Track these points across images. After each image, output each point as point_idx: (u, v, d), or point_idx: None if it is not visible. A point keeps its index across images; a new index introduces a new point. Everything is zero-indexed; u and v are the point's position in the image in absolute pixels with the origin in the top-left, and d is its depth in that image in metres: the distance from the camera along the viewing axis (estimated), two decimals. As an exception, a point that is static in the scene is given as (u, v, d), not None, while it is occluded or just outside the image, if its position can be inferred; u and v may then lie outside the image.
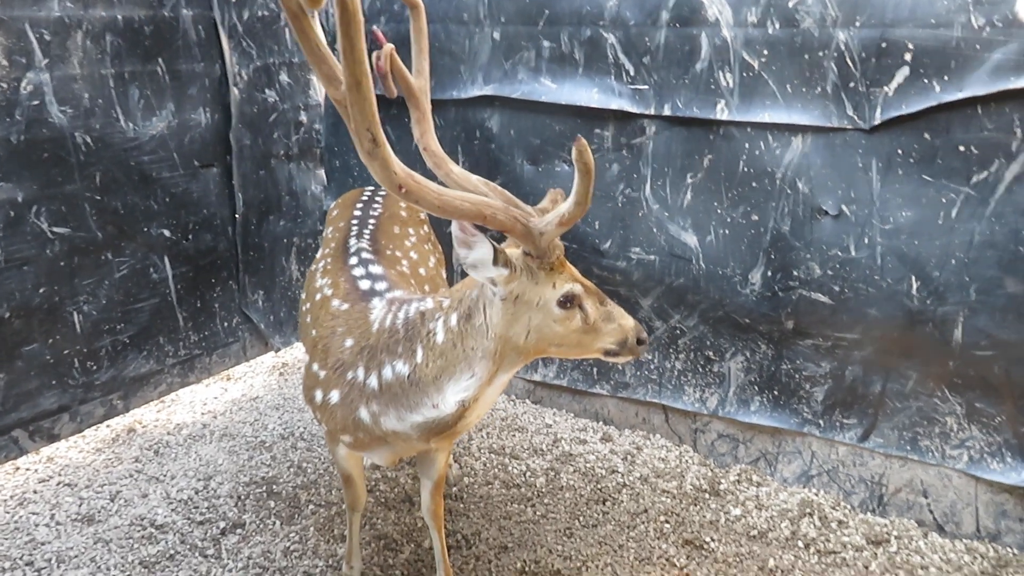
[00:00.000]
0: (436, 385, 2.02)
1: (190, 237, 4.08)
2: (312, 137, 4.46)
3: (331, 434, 2.36)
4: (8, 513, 3.16)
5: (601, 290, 2.04)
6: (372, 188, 3.13)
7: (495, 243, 1.88)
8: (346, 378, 2.17)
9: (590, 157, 1.72)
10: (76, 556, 2.90)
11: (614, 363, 2.14)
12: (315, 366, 2.28)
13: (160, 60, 3.79)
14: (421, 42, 2.20)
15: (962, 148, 2.69)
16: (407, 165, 1.74)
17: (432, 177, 2.09)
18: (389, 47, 2.05)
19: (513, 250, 1.98)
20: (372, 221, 2.77)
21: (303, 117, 4.41)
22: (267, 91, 4.26)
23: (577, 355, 2.08)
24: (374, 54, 2.03)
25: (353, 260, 2.50)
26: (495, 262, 1.88)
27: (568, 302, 1.94)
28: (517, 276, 1.93)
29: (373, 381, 2.11)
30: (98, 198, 3.61)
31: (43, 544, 2.97)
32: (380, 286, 2.35)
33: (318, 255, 2.74)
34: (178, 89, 3.89)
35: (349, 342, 2.19)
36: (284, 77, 4.28)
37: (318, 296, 2.45)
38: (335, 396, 2.19)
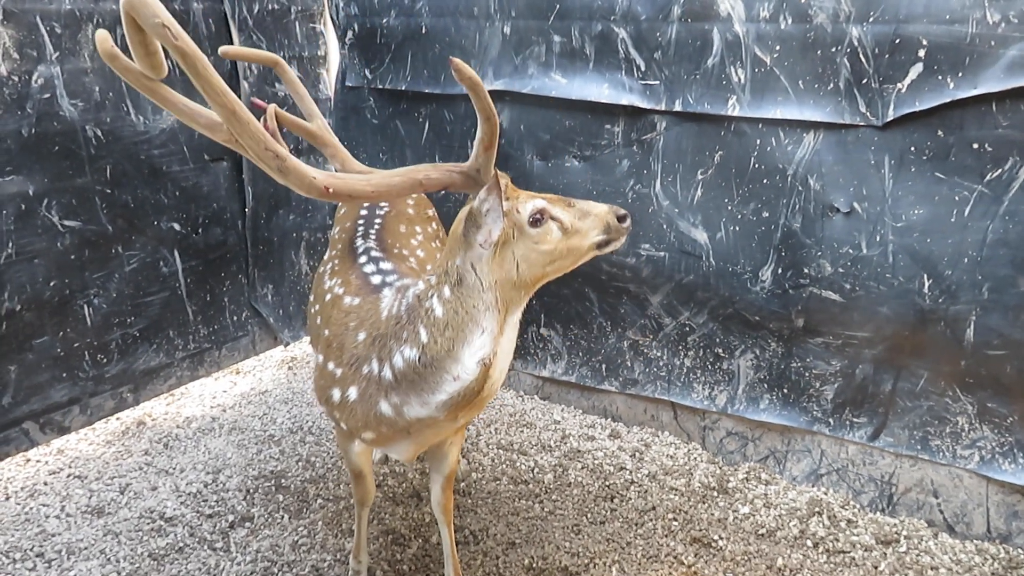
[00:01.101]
0: (452, 356, 1.99)
1: (200, 231, 4.08)
2: (322, 131, 4.46)
3: (348, 432, 2.32)
4: (19, 504, 3.18)
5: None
6: None
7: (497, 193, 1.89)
8: (362, 372, 2.14)
9: (471, 72, 1.77)
10: (86, 548, 2.92)
11: (612, 252, 2.13)
12: (330, 364, 2.25)
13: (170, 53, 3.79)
14: (297, 89, 2.34)
15: (976, 145, 2.67)
16: (422, 154, 1.72)
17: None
18: (272, 107, 2.16)
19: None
20: (378, 220, 2.76)
21: (313, 111, 4.41)
22: (277, 85, 4.26)
23: (573, 264, 2.06)
24: (261, 120, 2.04)
25: (363, 259, 2.49)
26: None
27: (538, 219, 1.95)
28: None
29: (387, 372, 2.08)
30: (108, 191, 3.62)
31: (53, 535, 2.99)
32: (391, 278, 2.35)
33: (326, 256, 2.73)
34: (188, 82, 3.88)
35: (362, 335, 2.17)
36: (294, 71, 4.27)
37: (328, 297, 2.43)
38: (353, 393, 2.16)
